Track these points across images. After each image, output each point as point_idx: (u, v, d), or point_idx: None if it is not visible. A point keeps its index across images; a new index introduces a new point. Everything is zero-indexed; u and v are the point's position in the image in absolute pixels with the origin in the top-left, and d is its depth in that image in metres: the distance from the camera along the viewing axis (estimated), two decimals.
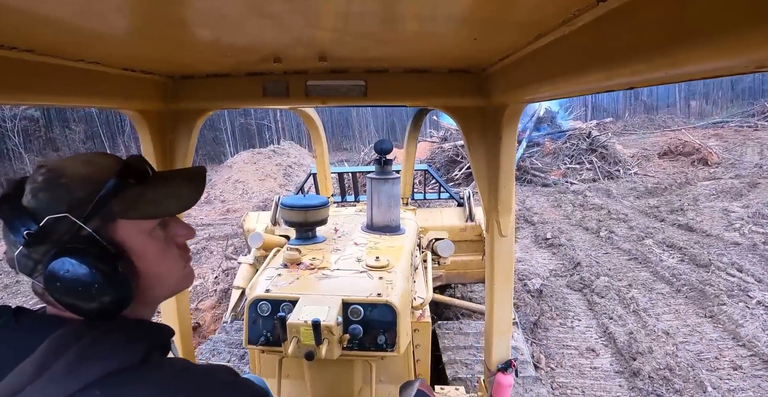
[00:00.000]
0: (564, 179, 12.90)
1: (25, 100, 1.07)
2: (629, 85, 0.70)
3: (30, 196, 0.70)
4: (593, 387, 3.76)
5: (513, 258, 1.78)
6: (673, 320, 4.75)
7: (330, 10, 0.77)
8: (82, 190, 0.70)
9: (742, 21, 0.41)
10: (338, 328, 1.63)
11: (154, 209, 0.77)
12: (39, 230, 0.67)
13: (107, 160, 0.77)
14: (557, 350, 4.36)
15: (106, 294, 0.69)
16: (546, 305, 5.16)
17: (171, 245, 0.82)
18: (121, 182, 0.73)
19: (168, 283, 0.82)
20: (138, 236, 0.75)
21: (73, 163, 0.74)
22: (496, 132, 1.53)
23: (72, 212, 0.69)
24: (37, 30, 0.84)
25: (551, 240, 7.53)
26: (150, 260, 0.77)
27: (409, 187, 3.97)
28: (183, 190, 0.82)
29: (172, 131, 1.69)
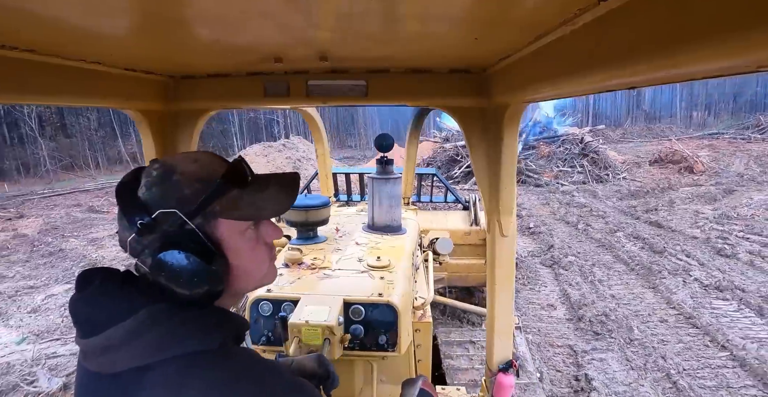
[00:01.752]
0: (555, 181, 13.93)
1: (27, 99, 1.07)
2: (630, 85, 0.70)
3: (145, 188, 0.78)
4: (548, 328, 5.12)
5: (514, 258, 1.78)
6: (622, 289, 6.00)
7: (331, 10, 0.77)
8: (190, 188, 0.77)
9: (743, 21, 0.40)
10: (339, 328, 1.63)
11: (251, 212, 0.83)
12: (151, 221, 0.75)
13: (214, 162, 0.84)
14: (524, 305, 5.65)
15: (202, 285, 0.76)
16: (519, 275, 6.41)
17: (260, 243, 0.88)
18: (225, 185, 0.80)
19: (254, 277, 0.89)
20: (234, 234, 0.82)
21: (184, 162, 0.81)
22: (497, 132, 1.52)
23: (180, 208, 0.76)
24: (38, 30, 0.84)
25: (533, 229, 8.84)
26: (241, 257, 0.83)
27: (410, 188, 3.97)
28: (278, 197, 0.88)
29: (173, 131, 1.69)
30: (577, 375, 4.17)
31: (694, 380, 4.01)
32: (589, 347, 4.65)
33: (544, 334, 4.98)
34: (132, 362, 0.71)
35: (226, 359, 0.74)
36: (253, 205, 0.83)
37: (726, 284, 5.73)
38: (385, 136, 2.68)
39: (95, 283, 0.79)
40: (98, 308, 0.76)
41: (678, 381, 3.97)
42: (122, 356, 0.71)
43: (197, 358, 0.72)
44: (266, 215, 0.87)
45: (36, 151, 22.66)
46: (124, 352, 0.71)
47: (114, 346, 0.71)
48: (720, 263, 6.56)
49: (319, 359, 1.37)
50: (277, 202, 0.87)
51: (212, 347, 0.74)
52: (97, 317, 0.75)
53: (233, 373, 0.72)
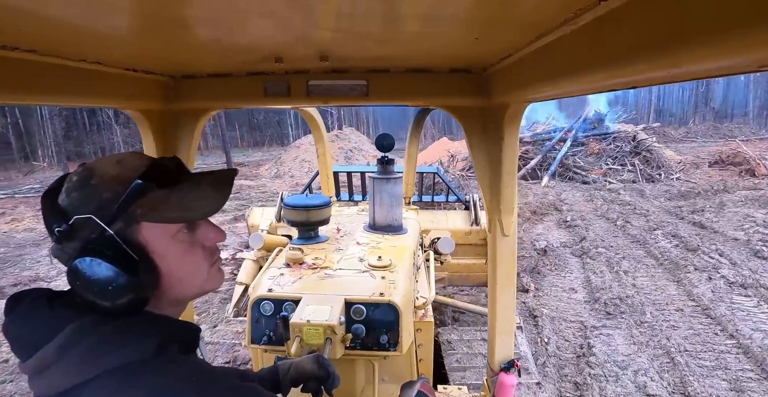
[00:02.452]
0: (603, 178, 13.63)
1: (28, 100, 1.07)
2: (631, 85, 0.70)
3: (64, 194, 0.74)
4: (565, 307, 5.48)
5: (515, 258, 1.78)
6: (646, 281, 6.15)
7: (331, 9, 0.77)
8: (108, 191, 0.73)
9: (744, 20, 0.40)
10: (341, 327, 1.63)
11: (177, 214, 0.78)
12: (68, 229, 0.71)
13: (137, 161, 0.78)
14: (548, 287, 6.06)
15: (121, 295, 0.72)
16: (547, 260, 6.89)
17: (197, 247, 0.82)
18: (146, 185, 0.75)
19: (192, 284, 0.84)
20: (161, 238, 0.77)
21: (106, 164, 0.76)
22: (497, 132, 1.52)
23: (97, 213, 0.72)
24: (39, 30, 0.84)
25: (569, 223, 9.01)
26: (172, 262, 0.79)
27: (411, 187, 3.96)
28: (208, 196, 0.82)
29: (174, 131, 1.69)
30: (581, 344, 4.56)
31: (694, 360, 4.19)
32: (599, 325, 4.93)
33: (560, 311, 5.33)
34: (67, 381, 0.67)
35: (164, 368, 0.70)
36: (179, 206, 0.78)
37: (751, 283, 5.73)
38: (386, 136, 2.68)
39: (23, 304, 0.74)
40: (27, 330, 0.72)
41: (676, 358, 4.18)
42: (56, 375, 0.68)
43: (132, 369, 0.68)
44: (194, 217, 0.80)
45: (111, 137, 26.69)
46: (56, 371, 0.67)
47: (46, 366, 0.68)
48: (754, 264, 6.48)
49: (318, 359, 1.35)
50: (209, 202, 0.81)
51: (146, 356, 0.70)
52: (29, 339, 0.71)
53: (172, 382, 0.69)
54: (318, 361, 1.34)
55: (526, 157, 14.96)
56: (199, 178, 0.84)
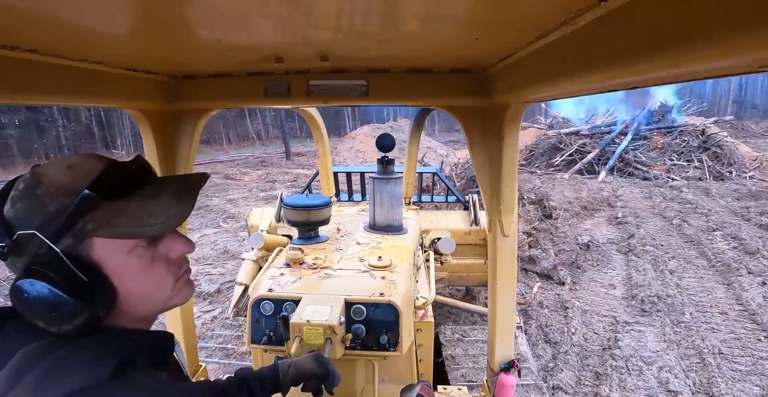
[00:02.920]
0: (666, 175, 12.54)
1: (28, 99, 1.08)
2: (631, 85, 0.70)
3: (10, 204, 0.67)
4: (600, 302, 5.43)
5: (515, 258, 1.78)
6: (693, 282, 5.89)
7: (331, 9, 0.77)
8: (54, 203, 0.66)
9: (744, 20, 0.40)
10: (341, 327, 1.63)
11: (130, 229, 0.70)
12: (11, 244, 0.65)
13: (89, 167, 0.70)
14: (585, 281, 6.03)
15: (66, 320, 0.65)
16: (590, 255, 6.80)
17: (159, 261, 0.76)
18: (96, 196, 0.67)
19: (154, 302, 0.77)
20: (116, 254, 0.70)
21: (56, 169, 0.69)
22: (498, 132, 1.52)
23: (42, 228, 0.65)
24: (40, 30, 0.84)
25: (620, 219, 8.63)
26: (130, 280, 0.72)
27: (411, 187, 3.96)
28: (169, 208, 0.73)
29: (174, 131, 1.69)
30: (610, 338, 4.57)
31: (727, 363, 4.08)
32: (632, 320, 4.91)
33: (594, 305, 5.33)
34: None
35: (123, 390, 0.64)
36: (135, 219, 0.70)
37: None
38: (386, 136, 2.68)
39: None
40: None
41: (707, 359, 4.08)
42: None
43: (87, 394, 0.62)
44: (151, 232, 0.71)
45: None
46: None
47: (1, 394, 0.62)
48: None
49: (318, 358, 1.34)
50: (168, 215, 0.72)
51: (101, 380, 0.63)
52: None
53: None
54: (318, 360, 1.33)
55: (583, 151, 14.12)
56: (161, 186, 0.76)
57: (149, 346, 0.74)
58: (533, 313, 5.17)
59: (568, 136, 15.02)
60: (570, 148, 14.29)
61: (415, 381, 1.66)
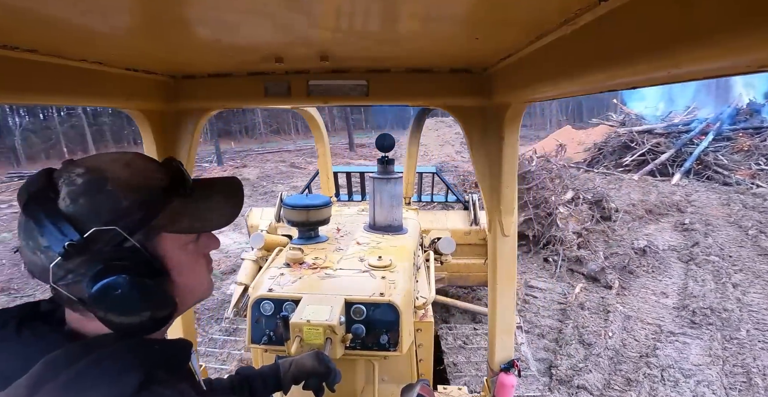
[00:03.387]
0: (750, 180, 11.20)
1: (28, 99, 1.07)
2: (631, 85, 0.70)
3: (69, 200, 0.64)
4: (647, 309, 5.21)
5: (515, 258, 1.78)
6: (758, 297, 5.44)
7: (331, 9, 0.77)
8: (128, 199, 0.66)
9: (744, 21, 0.40)
10: (341, 327, 1.63)
11: (198, 224, 0.75)
12: (82, 241, 0.62)
13: (149, 167, 0.73)
14: (635, 287, 5.76)
15: (155, 311, 0.68)
16: (645, 261, 6.43)
17: (200, 256, 0.80)
18: (167, 194, 0.71)
19: (195, 294, 0.81)
20: (177, 249, 0.74)
21: (115, 167, 0.69)
22: (498, 132, 1.52)
23: (118, 224, 0.65)
24: (40, 30, 0.84)
25: (687, 226, 8.11)
26: (185, 273, 0.75)
27: (411, 187, 3.96)
28: (223, 206, 0.80)
29: (174, 131, 1.69)
30: (650, 346, 4.42)
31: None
32: (679, 331, 4.69)
33: (640, 312, 5.13)
34: None
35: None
36: (196, 216, 0.75)
37: None
38: (386, 136, 2.68)
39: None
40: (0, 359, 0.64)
41: (754, 379, 3.87)
42: None
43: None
44: (209, 227, 0.78)
45: (253, 118, 33.16)
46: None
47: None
48: None
49: (318, 356, 1.35)
50: (222, 213, 0.79)
51: (127, 391, 0.61)
52: (2, 369, 0.63)
53: None
54: (318, 357, 1.35)
55: (656, 151, 13.02)
56: (209, 187, 0.81)
57: (169, 356, 0.73)
58: (572, 313, 5.11)
59: (641, 134, 13.97)
60: (642, 148, 13.32)
61: (414, 381, 1.66)
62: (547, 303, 5.46)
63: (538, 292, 5.76)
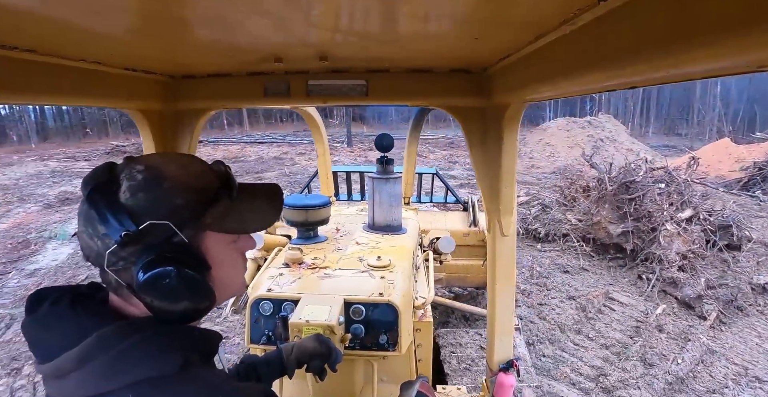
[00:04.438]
0: None
1: (27, 99, 1.07)
2: (630, 85, 0.70)
3: (129, 193, 0.69)
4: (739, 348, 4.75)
5: (515, 258, 1.78)
6: None
7: (330, 9, 0.77)
8: (182, 198, 0.71)
9: (743, 21, 0.40)
10: (340, 327, 1.63)
11: (240, 225, 0.80)
12: (137, 232, 0.67)
13: (203, 169, 0.79)
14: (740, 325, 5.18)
15: (197, 302, 0.73)
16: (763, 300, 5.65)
17: (239, 255, 0.84)
18: (217, 195, 0.76)
19: (230, 290, 0.85)
20: (219, 247, 0.78)
21: (172, 167, 0.74)
22: (497, 132, 1.52)
23: (172, 219, 0.70)
24: (39, 30, 0.84)
25: None
26: (224, 270, 0.80)
27: (410, 187, 3.96)
28: (265, 209, 0.85)
29: (173, 131, 1.69)
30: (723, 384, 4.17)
31: None
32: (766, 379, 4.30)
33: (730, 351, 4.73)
34: (85, 391, 0.65)
35: (184, 385, 0.68)
36: (240, 217, 0.80)
37: None
38: (385, 136, 2.68)
39: (44, 306, 0.72)
40: (48, 334, 0.70)
41: None
42: (74, 383, 0.66)
43: (153, 386, 0.66)
44: (253, 229, 0.84)
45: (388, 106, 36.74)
46: (74, 380, 0.65)
47: (65, 373, 0.66)
48: None
49: (319, 338, 1.41)
50: (264, 215, 0.85)
51: (170, 372, 0.67)
52: (49, 343, 0.69)
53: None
54: (319, 339, 1.41)
55: None
56: (252, 191, 0.85)
57: (204, 344, 0.78)
58: (645, 332, 4.99)
59: None
60: None
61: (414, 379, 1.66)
62: (623, 318, 5.37)
63: (618, 305, 5.66)
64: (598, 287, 6.07)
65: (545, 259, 7.00)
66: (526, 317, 5.35)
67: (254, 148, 20.17)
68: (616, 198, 7.04)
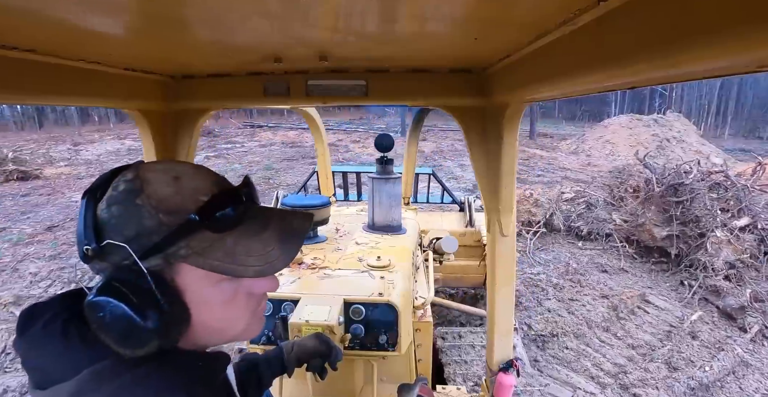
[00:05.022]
0: None
1: (27, 100, 1.07)
2: (630, 85, 0.70)
3: (105, 204, 0.63)
4: None
5: (515, 258, 1.78)
6: None
7: (330, 9, 0.77)
8: (152, 219, 0.61)
9: (744, 20, 0.40)
10: (340, 327, 1.63)
11: (223, 265, 0.65)
12: (97, 249, 0.61)
13: (199, 185, 0.66)
14: None
15: (140, 344, 0.61)
16: None
17: (240, 295, 0.70)
18: (197, 225, 0.63)
19: (224, 335, 0.72)
20: (199, 284, 0.66)
21: (161, 179, 0.65)
22: (497, 132, 1.52)
23: (133, 241, 0.61)
24: (39, 30, 0.84)
25: None
26: (208, 312, 0.67)
27: (410, 188, 3.96)
28: (270, 251, 0.68)
29: (173, 131, 1.69)
30: None
31: None
32: None
33: None
34: None
35: None
36: (231, 256, 0.65)
37: None
38: (385, 136, 2.68)
39: (37, 326, 0.64)
40: (41, 359, 0.62)
41: None
42: None
43: None
44: (245, 274, 0.67)
45: None
46: None
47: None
48: None
49: (319, 336, 1.40)
50: (267, 258, 0.67)
51: None
52: (41, 369, 0.62)
53: None
54: (319, 338, 1.40)
55: None
56: (266, 222, 0.71)
57: (210, 371, 0.70)
58: (676, 337, 4.90)
59: None
60: None
61: (412, 381, 1.66)
62: (657, 321, 5.31)
63: (653, 309, 5.58)
64: (635, 289, 6.01)
65: (584, 257, 6.93)
66: (555, 310, 5.35)
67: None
68: (662, 200, 6.85)
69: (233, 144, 17.81)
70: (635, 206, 7.24)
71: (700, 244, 6.19)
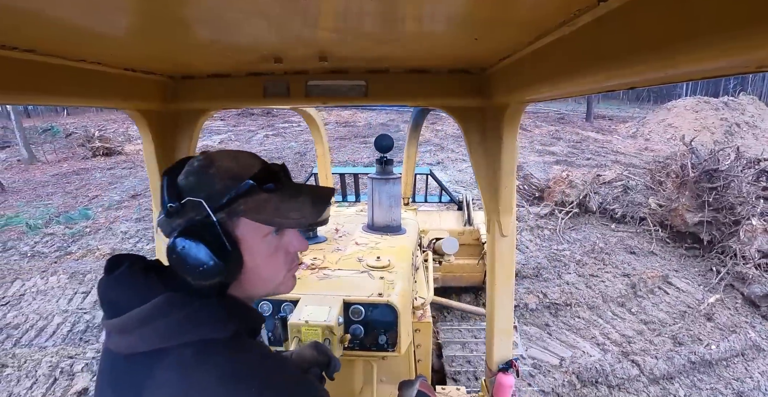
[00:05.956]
0: None
1: (27, 100, 1.07)
2: (630, 86, 0.70)
3: (183, 176, 0.82)
4: None
5: (514, 258, 1.78)
6: None
7: (330, 10, 0.77)
8: (221, 183, 0.80)
9: (743, 21, 0.41)
10: (339, 328, 1.63)
11: (273, 218, 0.84)
12: (178, 207, 0.78)
13: (252, 162, 0.86)
14: None
15: (206, 277, 0.78)
16: None
17: (281, 251, 0.88)
18: (253, 186, 0.81)
19: (267, 284, 0.90)
20: (254, 236, 0.83)
21: (224, 157, 0.84)
22: (496, 132, 1.52)
23: (207, 200, 0.78)
24: (39, 30, 0.84)
25: None
26: (256, 260, 0.84)
27: (409, 188, 3.96)
28: (305, 208, 0.88)
29: (173, 131, 1.69)
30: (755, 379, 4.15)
31: None
32: None
33: None
34: (146, 346, 0.75)
35: (238, 349, 0.77)
36: (277, 211, 0.84)
37: None
38: (385, 136, 2.68)
39: (122, 267, 0.82)
40: (121, 292, 0.80)
41: None
42: (138, 338, 0.75)
43: (210, 345, 0.75)
44: (287, 224, 0.87)
45: None
46: (139, 335, 0.75)
47: (130, 329, 0.75)
48: None
49: (317, 346, 1.40)
50: (303, 214, 0.87)
51: (225, 336, 0.77)
52: (119, 300, 0.79)
53: (244, 363, 0.75)
54: (317, 347, 1.40)
55: None
56: (300, 190, 0.89)
57: (251, 320, 0.88)
58: (690, 317, 4.92)
59: None
60: None
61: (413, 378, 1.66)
62: (675, 302, 5.35)
63: (673, 290, 5.61)
64: (658, 270, 6.02)
65: (613, 238, 6.99)
66: (573, 283, 5.46)
67: (364, 115, 20.01)
68: (697, 186, 6.73)
69: (290, 123, 18.11)
70: (672, 191, 7.21)
71: (734, 231, 6.12)
